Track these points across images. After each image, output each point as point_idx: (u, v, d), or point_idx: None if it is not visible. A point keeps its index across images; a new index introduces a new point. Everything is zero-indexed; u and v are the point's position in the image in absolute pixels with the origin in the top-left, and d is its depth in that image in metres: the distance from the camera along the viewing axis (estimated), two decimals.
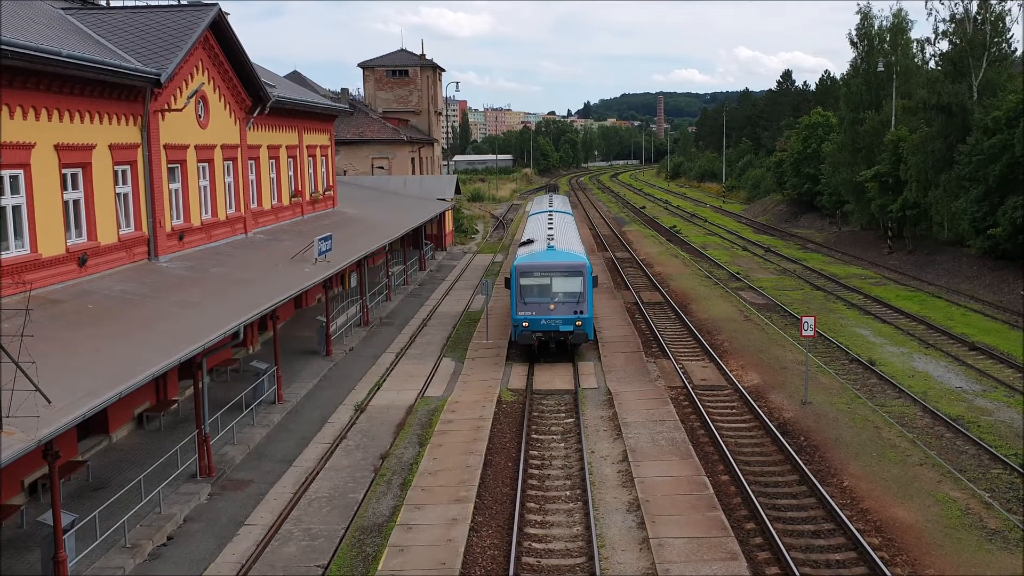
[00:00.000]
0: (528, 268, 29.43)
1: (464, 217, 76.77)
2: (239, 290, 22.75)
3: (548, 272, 29.29)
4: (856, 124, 61.17)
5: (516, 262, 29.98)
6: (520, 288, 29.10)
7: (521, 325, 28.78)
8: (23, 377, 12.32)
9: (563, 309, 28.76)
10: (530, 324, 28.67)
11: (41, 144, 18.52)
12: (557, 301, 28.89)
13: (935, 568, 15.56)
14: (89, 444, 20.49)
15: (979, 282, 43.88)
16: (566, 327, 28.74)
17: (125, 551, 15.94)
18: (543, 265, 29.49)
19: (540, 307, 28.76)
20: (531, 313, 28.70)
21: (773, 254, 59.13)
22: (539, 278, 29.22)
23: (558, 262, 29.62)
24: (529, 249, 31.88)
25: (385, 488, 19.31)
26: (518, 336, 28.97)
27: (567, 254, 30.37)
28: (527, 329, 28.68)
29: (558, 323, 28.71)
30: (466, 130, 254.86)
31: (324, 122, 40.44)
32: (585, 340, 29.24)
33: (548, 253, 30.25)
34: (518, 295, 29.02)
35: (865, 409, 24.30)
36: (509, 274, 29.84)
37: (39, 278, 18.20)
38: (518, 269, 29.39)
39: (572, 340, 28.99)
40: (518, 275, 29.27)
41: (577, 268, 29.32)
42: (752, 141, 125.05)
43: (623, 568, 15.45)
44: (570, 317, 28.72)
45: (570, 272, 29.25)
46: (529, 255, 30.48)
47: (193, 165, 26.34)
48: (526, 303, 28.90)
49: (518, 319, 28.87)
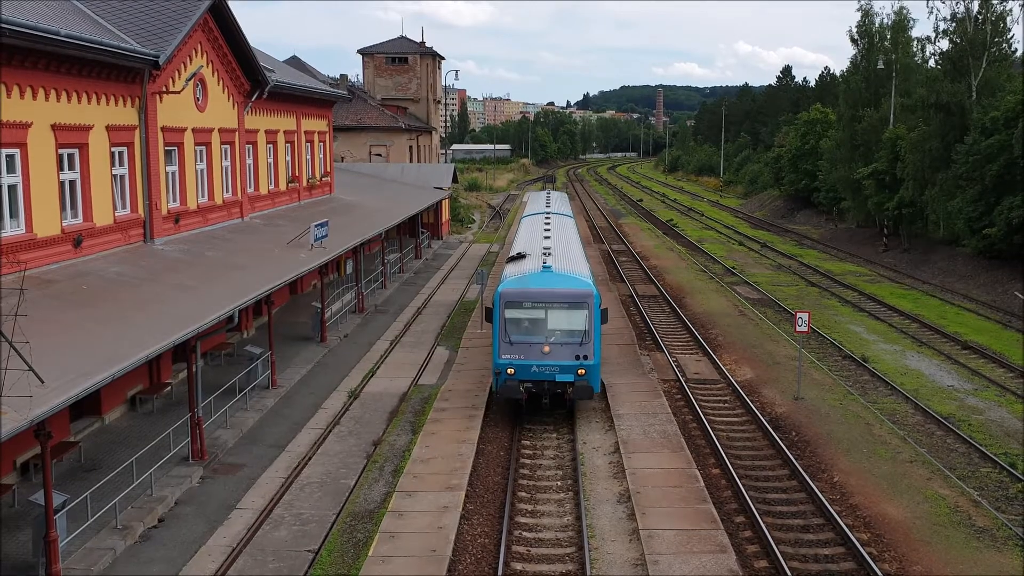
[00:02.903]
0: (516, 297, 22.52)
1: (461, 206, 76.73)
2: (234, 274, 22.72)
3: (542, 302, 22.45)
4: (855, 121, 61.20)
5: (501, 287, 22.90)
6: (505, 323, 22.26)
7: (505, 372, 21.87)
8: (17, 356, 12.31)
9: (561, 352, 21.96)
10: (517, 371, 21.85)
11: (38, 124, 18.45)
12: (554, 342, 22.11)
13: (923, 565, 15.66)
14: (82, 425, 20.49)
15: (973, 281, 44.00)
16: (564, 376, 21.90)
17: (116, 532, 15.97)
18: (536, 293, 22.57)
19: (531, 349, 22.01)
20: (518, 357, 21.89)
21: (769, 249, 59.20)
22: (530, 310, 22.51)
23: (556, 289, 22.63)
24: (519, 268, 24.65)
25: (377, 475, 19.36)
26: (501, 387, 21.97)
27: (568, 278, 23.27)
28: (513, 378, 21.85)
29: (554, 371, 21.90)
30: (464, 119, 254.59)
31: (322, 108, 40.34)
32: (589, 395, 22.25)
33: (543, 276, 23.13)
34: (502, 332, 22.18)
35: (857, 406, 24.40)
36: (492, 303, 23.04)
37: (34, 258, 18.18)
38: (503, 298, 22.45)
39: (572, 394, 22.07)
40: (503, 306, 22.38)
41: (581, 298, 22.35)
42: (751, 136, 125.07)
43: (613, 558, 15.52)
44: (570, 364, 21.90)
45: (572, 303, 22.38)
46: (518, 279, 23.37)
47: (190, 148, 26.28)
48: (512, 343, 22.03)
49: (501, 364, 21.93)
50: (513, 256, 26.79)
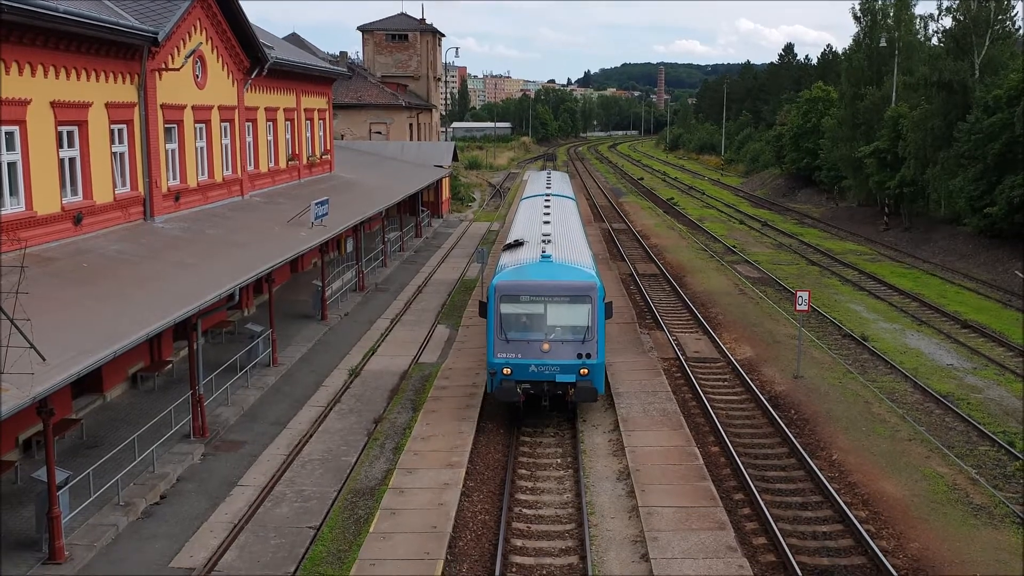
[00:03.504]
0: (513, 290, 20.94)
1: (461, 185, 76.56)
2: (235, 252, 22.72)
3: (541, 296, 20.88)
4: (857, 99, 60.92)
5: (496, 280, 21.34)
6: (501, 319, 20.70)
7: (501, 372, 20.32)
8: (18, 334, 12.34)
9: (562, 351, 20.40)
10: (514, 371, 20.28)
11: (37, 101, 18.38)
12: (554, 339, 20.52)
13: (920, 542, 15.77)
14: (83, 402, 20.56)
15: (974, 260, 43.99)
16: (566, 377, 20.29)
17: (119, 509, 16.07)
18: (534, 286, 20.99)
19: (529, 347, 20.40)
20: (515, 356, 20.33)
21: (770, 228, 59.14)
22: (528, 304, 20.87)
23: (556, 281, 21.03)
24: (516, 257, 23.02)
25: (378, 452, 19.45)
26: (496, 389, 20.42)
27: (570, 268, 21.75)
28: (509, 378, 20.25)
29: (554, 371, 20.30)
30: (465, 97, 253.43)
31: (322, 85, 40.16)
32: (593, 397, 20.53)
33: (542, 267, 21.57)
34: (497, 328, 20.63)
35: (856, 384, 24.47)
36: (486, 297, 21.48)
37: (34, 236, 18.17)
38: (498, 291, 20.87)
39: (574, 396, 20.42)
40: (498, 299, 20.80)
41: (583, 291, 20.83)
42: (752, 114, 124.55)
43: (612, 535, 15.62)
44: (572, 363, 20.31)
45: (574, 296, 20.83)
46: (515, 270, 21.81)
47: (190, 126, 26.19)
48: (509, 341, 20.50)
49: (497, 363, 20.39)
50: (510, 244, 24.81)
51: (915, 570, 14.88)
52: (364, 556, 14.54)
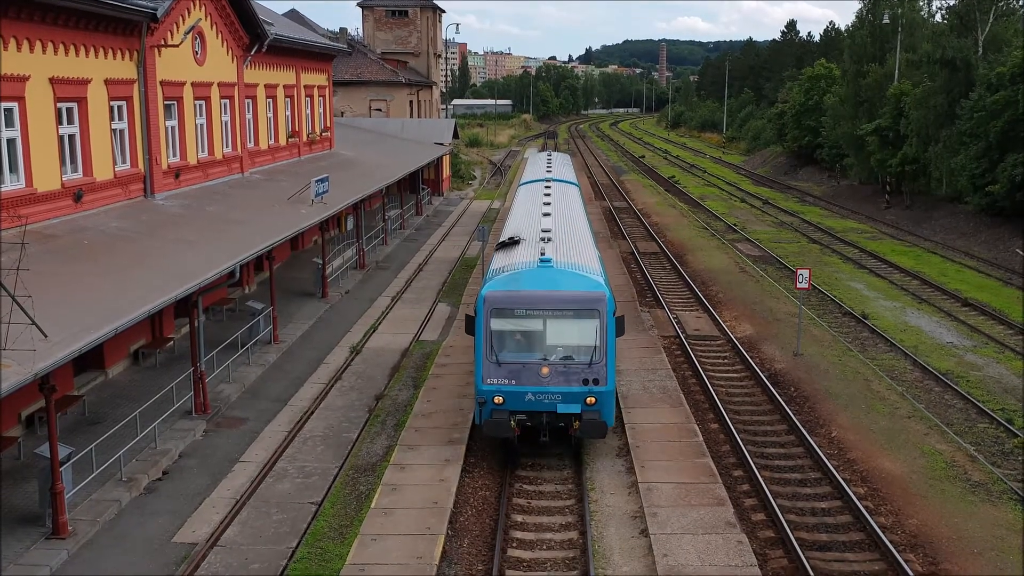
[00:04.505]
0: (505, 302, 17.45)
1: (462, 162, 76.34)
2: (235, 229, 22.70)
3: (540, 310, 17.39)
4: (859, 77, 60.60)
5: (485, 289, 17.84)
6: (491, 337, 17.26)
7: (491, 401, 16.94)
8: (19, 311, 12.36)
9: (564, 376, 16.99)
10: (507, 400, 16.88)
11: (36, 77, 18.31)
12: (555, 361, 17.11)
13: (918, 518, 15.87)
14: (85, 379, 20.63)
15: (975, 239, 43.94)
16: (569, 407, 16.91)
17: (121, 484, 16.17)
18: (532, 297, 17.46)
19: (525, 371, 16.99)
20: (509, 381, 16.91)
21: (771, 206, 59.03)
22: (524, 320, 17.44)
23: (558, 292, 17.53)
24: (510, 260, 19.39)
25: (379, 429, 19.53)
26: (486, 421, 16.97)
27: (574, 275, 18.11)
28: (501, 408, 16.89)
29: (555, 399, 16.92)
30: (465, 74, 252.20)
31: (322, 62, 39.97)
32: (601, 432, 17.03)
33: (541, 274, 17.92)
34: (487, 348, 17.18)
35: (856, 362, 24.52)
36: (474, 310, 17.94)
37: (34, 213, 18.15)
38: (488, 303, 17.41)
39: (580, 431, 17.02)
40: (488, 313, 17.35)
41: (590, 304, 17.36)
42: (754, 92, 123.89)
43: (612, 511, 15.72)
44: (576, 390, 16.89)
45: (579, 311, 17.37)
46: (508, 277, 18.14)
47: (190, 102, 26.09)
48: (500, 364, 17.04)
49: (486, 391, 16.98)
50: (504, 242, 21.24)
51: (913, 546, 14.99)
52: (366, 531, 14.65)
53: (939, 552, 14.75)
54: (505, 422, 16.84)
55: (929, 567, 14.36)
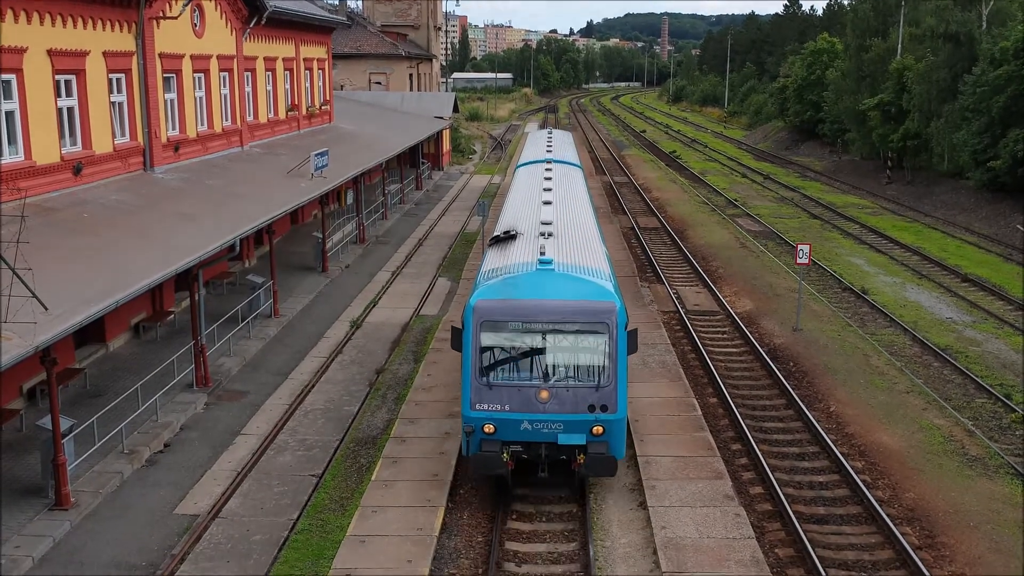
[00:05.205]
0: (498, 313, 14.83)
1: (462, 137, 76.04)
2: (235, 203, 22.67)
3: (538, 323, 14.72)
4: (862, 51, 60.26)
5: (475, 299, 15.07)
6: (480, 355, 14.72)
7: (480, 431, 14.55)
8: (20, 283, 12.37)
9: (568, 401, 14.51)
10: (499, 430, 14.51)
11: (34, 49, 18.20)
12: (554, 385, 14.60)
13: (915, 491, 15.98)
14: (86, 352, 20.68)
15: (976, 214, 43.88)
16: (572, 438, 14.54)
17: (123, 456, 16.27)
18: (529, 308, 14.78)
19: (520, 396, 14.53)
20: (501, 407, 14.48)
21: (772, 181, 58.88)
22: (519, 335, 14.77)
23: (560, 302, 14.84)
24: (504, 260, 16.50)
25: (380, 402, 19.61)
26: (474, 456, 14.61)
27: (579, 280, 15.30)
28: (492, 439, 14.55)
29: (556, 429, 14.53)
30: (465, 47, 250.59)
31: (321, 34, 39.72)
32: (610, 469, 14.60)
33: (540, 279, 15.14)
34: (475, 369, 14.67)
35: (855, 337, 24.57)
36: (461, 322, 15.39)
37: (34, 185, 18.12)
38: (478, 315, 14.80)
39: (584, 468, 14.60)
40: (478, 327, 14.76)
41: (599, 316, 14.72)
42: (756, 66, 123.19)
43: (611, 483, 15.80)
44: (581, 419, 14.47)
45: (585, 324, 14.73)
46: (502, 283, 15.26)
47: (189, 75, 25.96)
48: (492, 387, 14.58)
49: (474, 418, 14.54)
50: (498, 236, 18.24)
51: (910, 519, 15.10)
52: (366, 503, 14.75)
53: (935, 525, 14.87)
54: (496, 456, 14.41)
55: (925, 540, 14.48)
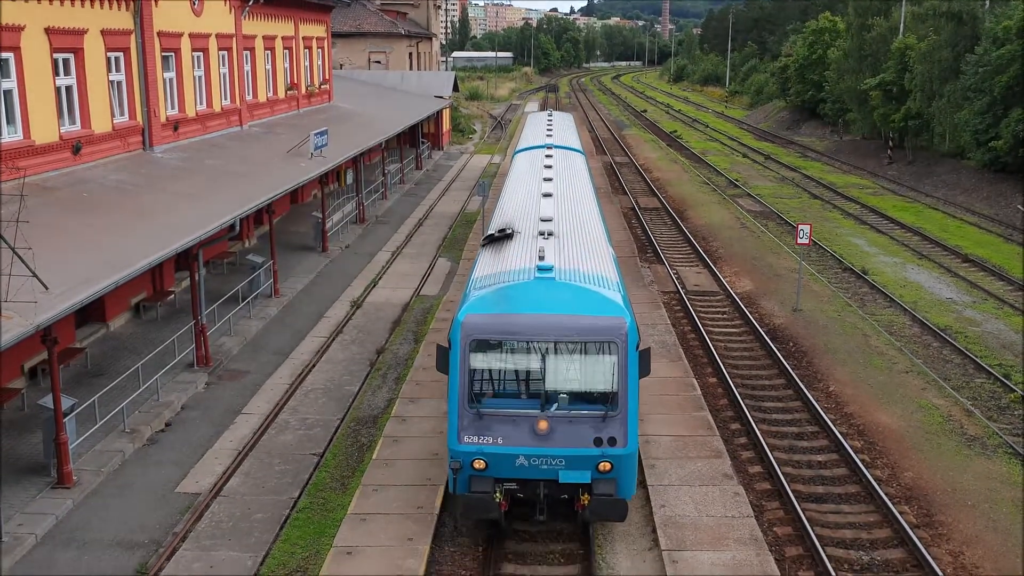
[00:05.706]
0: (490, 331, 12.70)
1: (462, 116, 75.77)
2: (235, 183, 22.62)
3: (536, 340, 12.56)
4: (864, 31, 59.89)
5: (463, 313, 12.86)
6: (470, 378, 12.67)
7: (469, 466, 12.55)
8: (20, 263, 12.37)
9: (570, 433, 12.45)
10: (490, 465, 12.49)
11: (31, 27, 18.11)
12: (555, 414, 12.55)
13: (913, 471, 16.05)
14: (87, 332, 20.71)
15: (976, 195, 43.79)
16: (575, 475, 12.44)
17: (124, 435, 16.33)
18: (526, 324, 12.62)
19: (516, 427, 12.49)
20: (494, 440, 12.44)
21: (773, 162, 58.70)
22: (515, 355, 12.69)
23: (561, 316, 12.66)
24: (499, 264, 14.37)
25: (380, 382, 19.65)
26: (463, 496, 12.64)
27: (584, 292, 13.02)
28: (483, 475, 12.55)
29: (556, 465, 12.47)
30: (465, 26, 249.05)
31: (321, 13, 39.51)
32: (619, 513, 12.50)
33: (539, 288, 12.96)
34: (463, 395, 12.61)
35: (855, 317, 24.59)
36: (447, 340, 13.12)
37: (33, 165, 18.08)
38: (467, 332, 12.64)
39: (589, 511, 12.46)
40: (467, 346, 12.64)
41: (606, 334, 12.55)
42: (758, 45, 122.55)
43: None
44: (585, 453, 12.42)
45: (591, 343, 12.60)
46: (494, 294, 13.09)
47: (187, 54, 25.84)
48: (482, 416, 12.54)
49: (463, 453, 12.50)
50: (492, 235, 15.94)
51: (908, 498, 15.18)
52: (367, 482, 14.81)
53: (933, 504, 14.96)
54: (487, 498, 12.31)
55: (923, 519, 14.57)
